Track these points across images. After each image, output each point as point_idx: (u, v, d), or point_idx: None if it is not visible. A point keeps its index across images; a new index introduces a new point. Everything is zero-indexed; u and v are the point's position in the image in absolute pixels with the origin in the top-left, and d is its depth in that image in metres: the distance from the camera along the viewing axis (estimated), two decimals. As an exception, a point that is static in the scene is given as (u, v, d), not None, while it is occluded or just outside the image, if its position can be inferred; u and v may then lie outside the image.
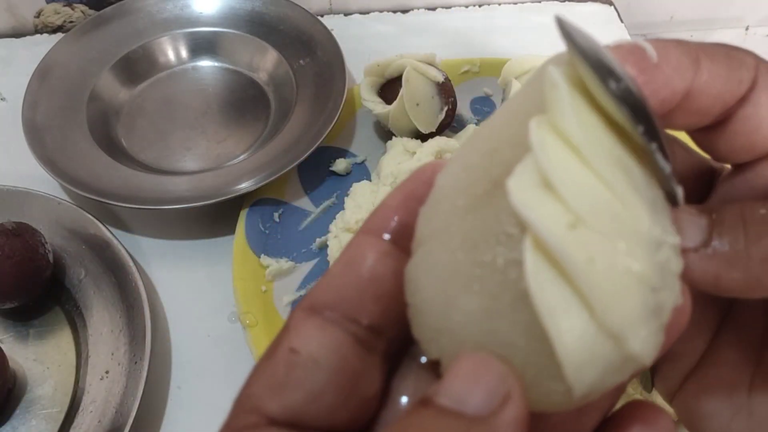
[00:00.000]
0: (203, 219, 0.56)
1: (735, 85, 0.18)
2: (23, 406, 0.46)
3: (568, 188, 0.14)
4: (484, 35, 0.73)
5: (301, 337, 0.17)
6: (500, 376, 0.14)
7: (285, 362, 0.17)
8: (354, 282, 0.17)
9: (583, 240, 0.14)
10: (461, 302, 0.15)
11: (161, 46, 0.66)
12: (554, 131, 0.15)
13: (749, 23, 0.86)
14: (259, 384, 0.17)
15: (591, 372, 0.14)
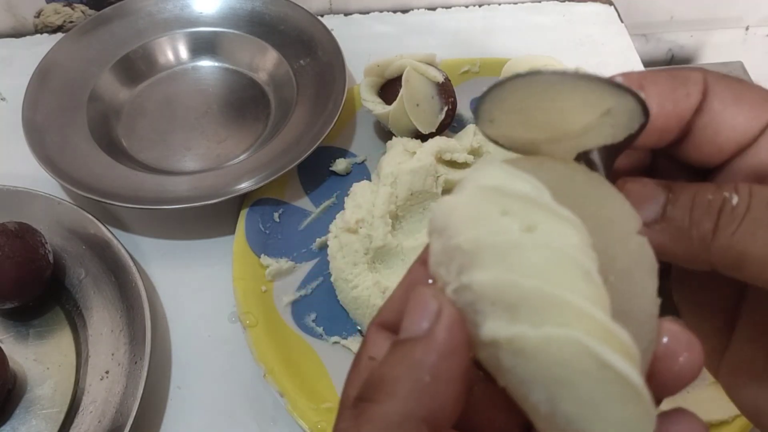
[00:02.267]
0: (203, 219, 0.56)
1: (683, 100, 0.21)
2: (23, 406, 0.46)
3: None
4: (484, 35, 0.73)
5: (376, 347, 0.21)
6: (432, 300, 0.18)
7: (366, 368, 0.20)
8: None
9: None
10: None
11: (161, 46, 0.66)
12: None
13: (749, 23, 0.86)
14: (352, 386, 0.20)
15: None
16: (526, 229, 0.17)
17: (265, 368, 0.45)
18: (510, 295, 0.17)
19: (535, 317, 0.16)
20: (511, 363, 0.17)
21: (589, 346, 0.16)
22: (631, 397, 0.16)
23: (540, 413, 0.17)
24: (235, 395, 0.48)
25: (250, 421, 0.46)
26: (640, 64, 0.70)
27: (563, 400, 0.16)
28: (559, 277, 0.17)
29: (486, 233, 0.17)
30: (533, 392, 0.17)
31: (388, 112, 0.56)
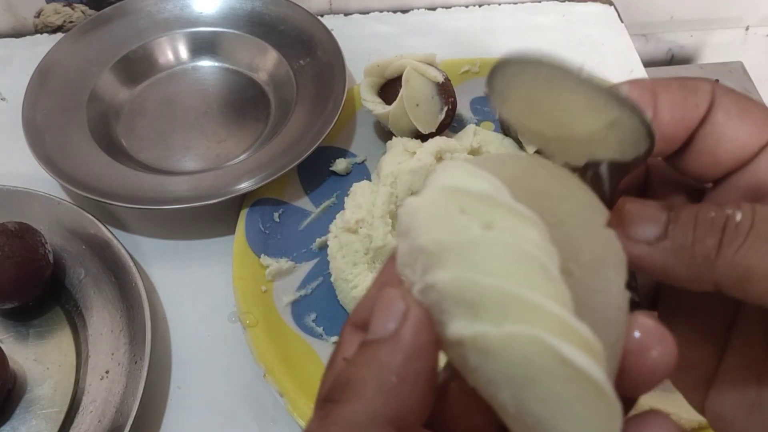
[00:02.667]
0: (203, 219, 0.56)
1: (692, 110, 0.21)
2: (23, 406, 0.46)
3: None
4: (484, 35, 0.73)
5: (351, 347, 0.20)
6: (399, 301, 0.18)
7: (341, 368, 0.20)
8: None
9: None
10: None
11: (161, 46, 0.66)
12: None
13: (749, 23, 0.86)
14: (326, 388, 0.20)
15: None
16: (484, 227, 0.17)
17: (265, 368, 0.45)
18: (471, 293, 0.17)
19: (495, 315, 0.16)
20: (477, 362, 0.17)
21: (549, 343, 0.16)
22: (593, 394, 0.16)
23: (508, 413, 0.17)
24: (235, 395, 0.48)
25: (250, 421, 0.46)
26: (640, 64, 0.70)
27: (528, 399, 0.16)
28: (517, 273, 0.17)
29: (446, 233, 0.17)
30: (500, 391, 0.17)
31: (388, 112, 0.56)
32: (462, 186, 0.18)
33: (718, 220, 0.19)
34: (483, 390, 0.18)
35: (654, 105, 0.21)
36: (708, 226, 0.19)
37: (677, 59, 0.88)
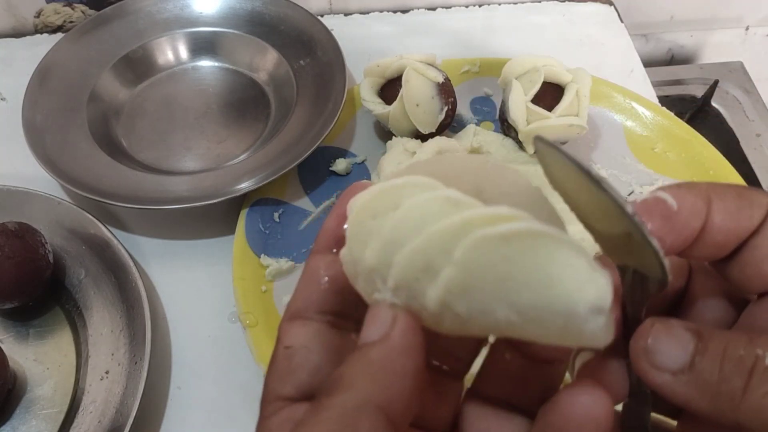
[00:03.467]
0: (203, 219, 0.56)
1: (746, 221, 0.21)
2: (23, 406, 0.46)
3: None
4: (484, 35, 0.73)
5: (290, 337, 0.22)
6: (387, 311, 0.19)
7: (284, 357, 0.22)
8: (316, 288, 0.22)
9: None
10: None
11: (161, 46, 0.66)
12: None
13: (749, 23, 0.86)
14: (271, 380, 0.22)
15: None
16: (393, 211, 0.19)
17: (265, 368, 0.45)
18: (416, 262, 0.18)
19: (444, 258, 0.18)
20: (464, 306, 0.18)
21: (490, 234, 0.17)
22: (549, 246, 0.17)
23: (516, 324, 0.18)
24: (235, 395, 0.48)
25: (251, 421, 0.46)
26: (640, 64, 0.70)
27: (515, 294, 0.17)
28: (432, 218, 0.18)
29: (373, 242, 0.19)
30: (497, 311, 0.18)
31: (388, 112, 0.56)
32: (366, 200, 0.20)
33: (747, 360, 0.19)
34: (486, 328, 0.19)
35: (707, 211, 0.21)
36: (736, 365, 0.19)
37: (677, 59, 0.88)
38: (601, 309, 0.17)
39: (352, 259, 0.20)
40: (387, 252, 0.19)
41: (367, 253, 0.19)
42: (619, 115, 0.62)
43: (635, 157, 0.59)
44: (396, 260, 0.19)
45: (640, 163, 0.59)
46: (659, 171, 0.58)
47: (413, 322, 0.19)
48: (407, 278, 0.19)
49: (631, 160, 0.59)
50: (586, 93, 0.55)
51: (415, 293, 0.19)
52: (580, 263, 0.17)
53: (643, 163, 0.59)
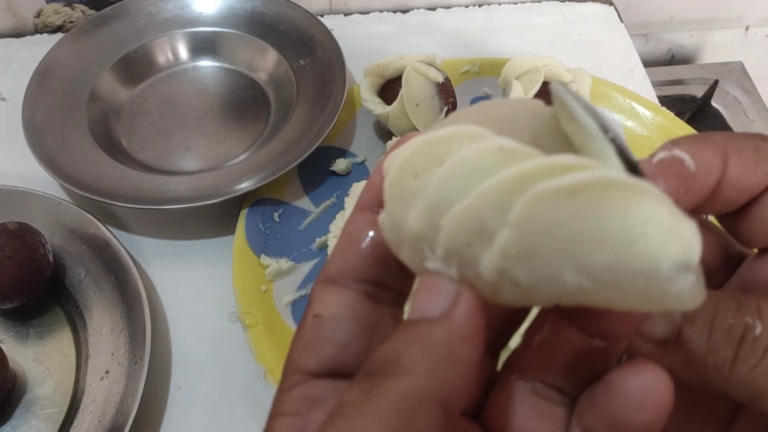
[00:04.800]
0: (203, 219, 0.56)
1: (760, 177, 0.20)
2: (23, 406, 0.46)
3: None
4: (484, 35, 0.73)
5: (321, 304, 0.20)
6: (448, 284, 0.17)
7: (312, 326, 0.20)
8: (355, 252, 0.20)
9: None
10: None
11: (161, 46, 0.66)
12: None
13: (749, 23, 0.86)
14: (295, 349, 0.20)
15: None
16: (438, 167, 0.17)
17: (265, 368, 0.45)
18: (468, 225, 0.16)
19: (499, 218, 0.16)
20: (525, 272, 0.16)
21: (550, 189, 0.15)
22: (627, 197, 0.15)
23: (586, 288, 0.16)
24: (235, 395, 0.48)
25: (250, 421, 0.46)
26: (640, 64, 0.70)
27: (585, 255, 0.15)
28: (483, 173, 0.16)
29: (416, 205, 0.17)
30: (564, 276, 0.16)
31: (388, 112, 0.56)
32: (406, 157, 0.17)
33: (736, 330, 0.18)
34: (552, 297, 0.16)
35: (723, 168, 0.20)
36: (724, 335, 0.18)
37: (677, 59, 0.88)
38: (688, 265, 0.15)
39: (393, 226, 0.18)
40: (433, 215, 0.17)
41: (411, 217, 0.17)
42: (619, 115, 0.62)
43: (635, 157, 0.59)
44: (444, 224, 0.16)
45: (640, 163, 0.59)
46: (659, 171, 0.58)
47: (477, 301, 0.17)
48: (458, 244, 0.16)
49: (631, 160, 0.59)
50: (586, 93, 0.55)
51: (469, 260, 0.16)
52: (661, 214, 0.15)
53: (643, 163, 0.59)
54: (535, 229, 0.15)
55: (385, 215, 0.18)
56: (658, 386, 0.17)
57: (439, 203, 0.16)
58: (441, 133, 0.17)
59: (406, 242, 0.18)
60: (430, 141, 0.17)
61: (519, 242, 0.15)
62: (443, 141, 0.17)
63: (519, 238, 0.15)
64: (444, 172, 0.16)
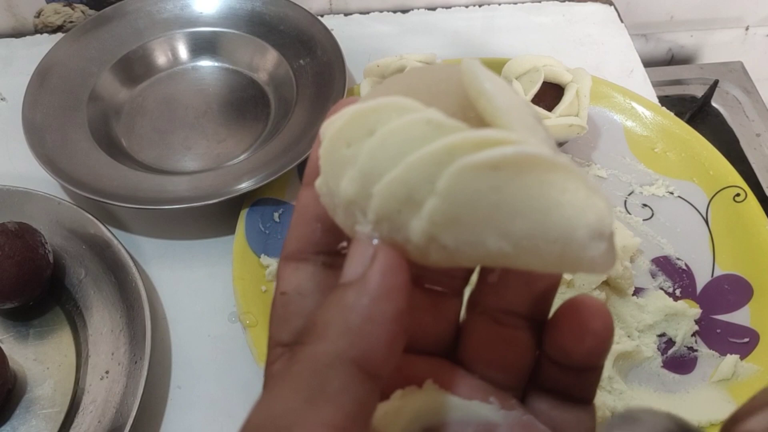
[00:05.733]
0: (203, 219, 0.56)
1: None
2: (23, 406, 0.46)
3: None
4: (484, 35, 0.73)
5: (284, 281, 0.21)
6: (366, 247, 0.18)
7: (281, 303, 0.21)
8: (307, 226, 0.21)
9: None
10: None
11: (161, 46, 0.66)
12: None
13: (749, 23, 0.86)
14: (272, 326, 0.21)
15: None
16: (368, 137, 0.17)
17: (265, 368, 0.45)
18: (398, 193, 0.17)
19: (426, 188, 0.16)
20: (451, 237, 0.17)
21: (471, 162, 0.16)
22: (545, 170, 0.16)
23: (508, 253, 0.17)
24: (235, 395, 0.48)
25: (250, 421, 0.46)
26: (640, 64, 0.70)
27: (506, 223, 0.16)
28: (412, 144, 0.17)
29: (349, 172, 0.18)
30: (487, 242, 0.17)
31: (388, 112, 0.55)
32: (339, 126, 0.18)
33: None
34: (476, 259, 0.18)
35: None
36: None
37: (677, 59, 0.88)
38: (601, 234, 0.16)
39: (328, 191, 0.19)
40: (365, 183, 0.17)
41: (343, 184, 0.18)
42: (619, 115, 0.62)
43: (635, 157, 0.59)
44: (375, 191, 0.17)
45: (640, 163, 0.59)
46: (659, 171, 0.58)
47: (396, 259, 0.18)
48: (388, 210, 0.17)
49: (631, 160, 0.59)
50: (586, 93, 0.55)
51: (398, 226, 0.17)
52: (577, 187, 0.16)
53: (643, 163, 0.59)
54: (460, 199, 0.16)
55: (321, 181, 0.19)
56: (596, 320, 0.19)
57: (371, 172, 0.17)
58: (371, 104, 0.18)
59: (340, 207, 0.18)
60: (361, 111, 0.18)
61: (445, 210, 0.16)
62: (374, 111, 0.17)
63: (445, 206, 0.16)
64: (375, 143, 0.17)
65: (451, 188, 0.16)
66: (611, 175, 0.58)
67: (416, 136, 0.17)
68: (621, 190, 0.58)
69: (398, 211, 0.17)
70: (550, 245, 0.16)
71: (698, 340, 0.49)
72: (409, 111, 0.17)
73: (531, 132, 0.17)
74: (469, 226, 0.17)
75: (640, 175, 0.58)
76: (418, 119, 0.17)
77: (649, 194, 0.57)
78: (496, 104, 0.17)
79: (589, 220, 0.16)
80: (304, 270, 0.21)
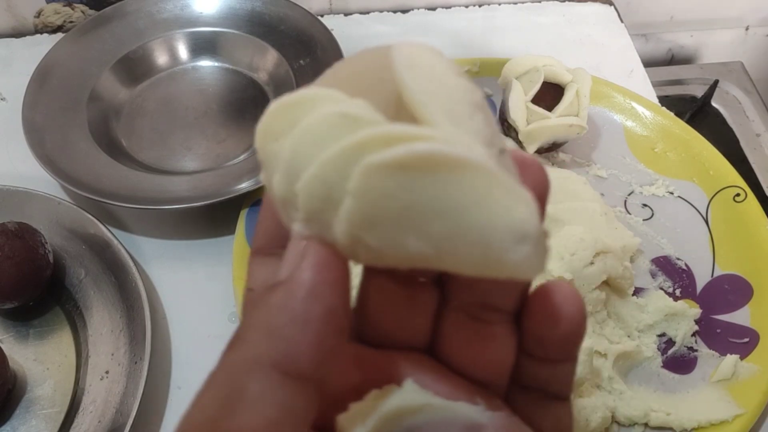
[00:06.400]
0: (203, 219, 0.56)
1: None
2: (23, 406, 0.46)
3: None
4: (484, 35, 0.73)
5: (251, 277, 0.21)
6: (297, 245, 0.17)
7: (247, 300, 0.21)
8: (272, 220, 0.20)
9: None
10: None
11: (161, 46, 0.66)
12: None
13: (749, 23, 0.86)
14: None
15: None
16: (290, 129, 0.17)
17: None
18: (317, 190, 0.16)
19: (341, 186, 0.16)
20: (373, 238, 0.16)
21: (376, 161, 0.15)
22: (457, 168, 0.15)
23: (433, 256, 0.16)
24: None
25: (250, 421, 0.46)
26: (640, 64, 0.70)
27: (423, 225, 0.15)
28: (325, 137, 0.16)
29: (275, 166, 0.17)
30: (408, 243, 0.16)
31: (388, 112, 0.55)
32: (267, 119, 0.17)
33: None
34: (402, 260, 0.17)
35: None
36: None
37: (677, 59, 0.88)
38: (524, 236, 0.15)
39: (268, 186, 0.18)
40: (290, 180, 0.16)
41: (275, 180, 0.17)
42: (619, 115, 0.62)
43: (635, 157, 0.59)
44: (297, 189, 0.16)
45: (640, 163, 0.59)
46: (659, 171, 0.58)
47: (325, 255, 0.17)
48: (313, 209, 0.16)
49: (631, 160, 0.59)
50: (586, 93, 0.55)
51: (325, 224, 0.16)
52: (494, 185, 0.15)
53: (643, 163, 0.59)
54: (371, 199, 0.15)
55: (263, 175, 0.18)
56: (568, 305, 0.19)
57: (293, 168, 0.16)
58: (294, 97, 0.17)
59: (278, 203, 0.18)
60: (286, 103, 0.17)
61: (361, 211, 0.16)
62: (297, 104, 0.17)
63: (360, 207, 0.15)
64: (295, 138, 0.16)
65: (362, 188, 0.15)
66: (611, 175, 0.58)
67: (331, 130, 0.16)
68: (621, 190, 0.58)
69: (321, 210, 0.16)
70: (471, 247, 0.15)
71: (698, 340, 0.49)
72: (330, 103, 0.16)
73: (458, 125, 0.16)
74: (387, 228, 0.16)
75: (640, 175, 0.58)
76: (332, 112, 0.16)
77: (649, 194, 0.57)
78: (413, 95, 0.16)
79: (509, 221, 0.15)
80: (270, 264, 0.20)
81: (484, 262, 0.16)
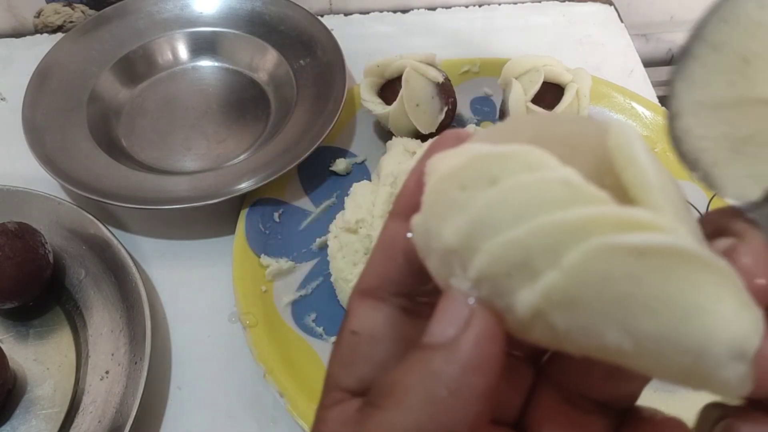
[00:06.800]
0: (203, 219, 0.56)
1: None
2: (23, 406, 0.46)
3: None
4: (484, 35, 0.73)
5: (358, 319, 0.19)
6: (462, 307, 0.16)
7: (349, 343, 0.19)
8: (392, 263, 0.19)
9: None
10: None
11: (161, 46, 0.66)
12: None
13: (749, 23, 0.86)
14: (334, 365, 0.19)
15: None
16: (489, 185, 0.15)
17: (265, 368, 0.45)
18: (513, 255, 0.15)
19: (549, 258, 0.14)
20: (565, 320, 0.15)
21: (613, 244, 0.14)
22: (693, 271, 0.14)
23: (627, 352, 0.15)
24: (235, 395, 0.48)
25: (250, 421, 0.46)
26: (640, 64, 0.70)
27: (635, 318, 0.14)
28: (540, 204, 0.15)
29: (458, 217, 0.16)
30: (607, 333, 0.14)
31: (388, 112, 0.56)
32: (455, 165, 0.16)
33: None
34: (590, 349, 0.15)
35: None
36: None
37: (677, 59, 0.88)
38: (743, 354, 0.14)
39: (426, 231, 0.17)
40: (475, 234, 0.15)
41: (447, 229, 0.16)
42: (619, 115, 0.62)
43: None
44: (485, 247, 0.15)
45: (640, 163, 0.59)
46: (659, 171, 0.58)
47: (494, 326, 0.16)
48: (496, 272, 0.15)
49: (631, 160, 0.59)
50: (586, 93, 0.55)
51: (503, 291, 0.15)
52: (728, 295, 0.14)
53: (643, 163, 0.59)
54: (587, 280, 0.14)
55: (420, 218, 0.17)
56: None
57: (484, 225, 0.15)
58: (499, 150, 0.16)
59: (436, 253, 0.17)
60: (485, 155, 0.16)
61: (566, 289, 0.14)
62: (500, 159, 0.16)
63: (567, 284, 0.14)
64: (496, 194, 0.15)
65: (581, 266, 0.14)
66: (611, 175, 0.58)
67: (549, 197, 0.15)
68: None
69: (507, 275, 0.15)
70: (680, 355, 0.14)
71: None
72: (542, 165, 0.15)
73: (680, 219, 0.15)
74: (590, 313, 0.14)
75: (640, 175, 0.58)
76: (553, 178, 0.15)
77: (649, 194, 0.57)
78: (647, 179, 0.15)
79: (733, 336, 0.14)
80: (380, 310, 0.19)
81: (688, 372, 0.15)
